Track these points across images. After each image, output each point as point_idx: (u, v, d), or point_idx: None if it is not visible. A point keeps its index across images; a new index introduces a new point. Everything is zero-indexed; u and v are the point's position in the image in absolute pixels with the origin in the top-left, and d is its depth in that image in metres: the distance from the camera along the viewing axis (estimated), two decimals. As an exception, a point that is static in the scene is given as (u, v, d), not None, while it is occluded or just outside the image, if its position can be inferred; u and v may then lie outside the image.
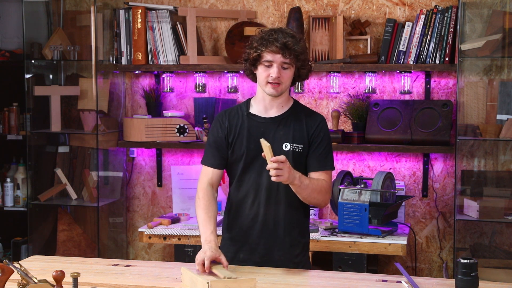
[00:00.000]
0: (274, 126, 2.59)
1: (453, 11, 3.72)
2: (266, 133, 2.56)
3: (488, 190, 3.83)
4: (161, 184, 4.33)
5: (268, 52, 2.49)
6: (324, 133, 2.60)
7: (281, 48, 2.47)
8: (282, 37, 2.48)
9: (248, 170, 2.59)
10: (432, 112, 3.79)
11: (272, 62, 2.49)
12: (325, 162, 2.58)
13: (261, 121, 2.60)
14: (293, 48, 2.48)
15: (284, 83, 2.53)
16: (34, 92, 4.19)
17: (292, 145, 2.56)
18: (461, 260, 2.17)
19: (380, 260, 4.01)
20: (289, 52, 2.48)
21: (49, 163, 4.34)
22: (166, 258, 4.33)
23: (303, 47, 2.53)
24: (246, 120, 2.61)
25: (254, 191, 2.59)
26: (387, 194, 3.55)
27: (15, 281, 2.09)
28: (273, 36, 2.49)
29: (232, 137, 2.61)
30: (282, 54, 2.48)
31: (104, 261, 2.82)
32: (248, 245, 2.63)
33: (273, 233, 2.60)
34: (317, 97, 4.08)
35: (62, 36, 4.28)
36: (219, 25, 4.19)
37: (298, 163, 2.55)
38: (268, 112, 2.61)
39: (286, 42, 2.47)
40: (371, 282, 2.42)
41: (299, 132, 2.58)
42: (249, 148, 2.57)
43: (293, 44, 2.48)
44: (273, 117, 2.60)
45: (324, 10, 4.04)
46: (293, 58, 2.49)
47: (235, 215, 2.65)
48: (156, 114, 4.17)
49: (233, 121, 2.62)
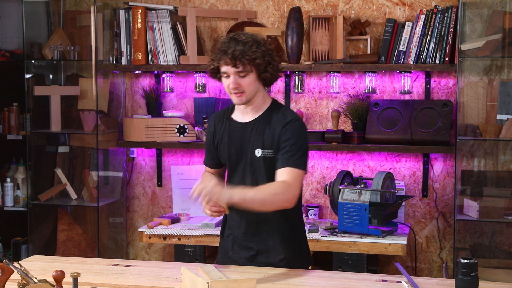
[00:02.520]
0: (248, 131, 2.56)
1: (453, 11, 3.72)
2: (242, 139, 2.57)
3: (488, 190, 3.83)
4: (161, 184, 4.33)
5: (222, 64, 2.48)
6: (291, 132, 2.49)
7: (231, 58, 2.44)
8: (232, 47, 2.44)
9: (233, 173, 2.62)
10: (432, 112, 3.79)
11: (227, 73, 2.48)
12: (289, 160, 2.45)
13: (238, 126, 2.60)
14: (243, 56, 2.43)
15: (247, 90, 2.48)
16: (34, 92, 4.19)
17: (263, 151, 2.52)
18: (461, 260, 2.17)
19: (380, 260, 4.01)
20: (240, 61, 2.44)
21: (49, 163, 4.34)
22: (166, 258, 4.33)
23: (256, 52, 2.45)
24: (228, 125, 2.62)
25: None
26: (387, 194, 3.55)
27: (15, 281, 2.09)
28: (223, 47, 2.47)
29: (217, 141, 2.66)
30: (233, 65, 2.45)
31: (104, 261, 2.82)
32: (236, 245, 2.66)
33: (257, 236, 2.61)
34: (317, 97, 4.08)
35: (62, 36, 4.28)
36: (219, 25, 4.19)
37: (271, 169, 2.51)
38: (244, 117, 2.60)
39: (234, 52, 2.43)
40: (371, 282, 2.42)
41: (269, 137, 2.52)
42: (230, 153, 2.60)
43: (242, 52, 2.43)
44: (248, 122, 2.58)
45: (324, 10, 4.04)
46: (246, 65, 2.45)
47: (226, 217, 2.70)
48: (156, 114, 4.17)
49: (218, 125, 2.66)
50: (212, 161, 2.73)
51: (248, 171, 2.56)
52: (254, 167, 2.55)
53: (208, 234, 3.67)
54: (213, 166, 2.74)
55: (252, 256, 2.63)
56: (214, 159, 2.71)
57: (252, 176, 2.55)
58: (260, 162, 2.51)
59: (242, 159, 2.57)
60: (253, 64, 2.46)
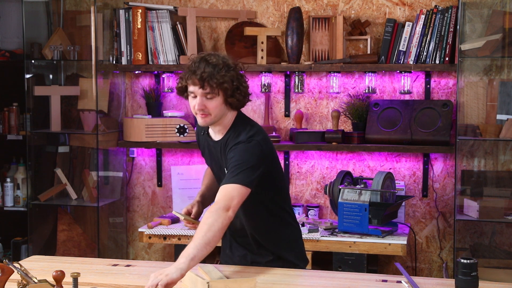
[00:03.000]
0: (218, 150, 2.56)
1: (453, 11, 3.72)
2: (216, 155, 2.57)
3: (488, 190, 3.83)
4: (161, 184, 4.33)
5: (190, 84, 2.44)
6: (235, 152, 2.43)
7: (199, 79, 2.40)
8: (202, 68, 2.40)
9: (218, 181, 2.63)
10: (432, 112, 3.79)
11: (194, 93, 2.44)
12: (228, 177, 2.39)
13: (211, 143, 2.59)
14: (211, 79, 2.39)
15: (213, 113, 2.44)
16: (34, 92, 4.19)
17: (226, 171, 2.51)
18: (461, 260, 2.17)
19: (380, 260, 4.01)
20: (208, 83, 2.40)
21: (49, 163, 4.34)
22: (166, 258, 4.33)
23: (225, 76, 2.41)
24: (205, 139, 2.63)
25: None
26: (387, 194, 3.55)
27: (15, 281, 2.09)
28: (193, 67, 2.43)
29: (202, 150, 2.70)
30: (200, 86, 2.41)
31: (104, 261, 2.82)
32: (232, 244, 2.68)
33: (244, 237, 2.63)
34: (317, 97, 4.08)
35: (62, 36, 4.28)
36: (219, 25, 4.19)
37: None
38: (215, 136, 2.58)
39: (202, 73, 2.39)
40: (371, 282, 2.42)
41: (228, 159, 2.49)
42: (212, 166, 2.66)
43: (210, 75, 2.38)
44: (217, 141, 2.56)
45: (324, 10, 4.04)
46: (214, 88, 2.40)
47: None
48: (156, 114, 4.17)
49: (200, 136, 2.68)
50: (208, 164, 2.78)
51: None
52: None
53: (208, 234, 3.66)
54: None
55: (244, 255, 2.64)
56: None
57: None
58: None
59: (219, 174, 2.59)
60: (220, 87, 2.41)
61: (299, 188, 4.13)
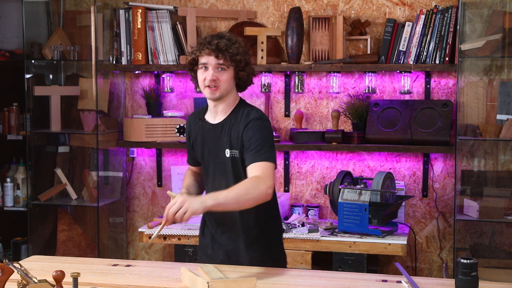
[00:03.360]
0: (218, 132, 2.59)
1: (453, 11, 3.72)
2: (213, 140, 2.60)
3: (488, 190, 3.83)
4: (161, 184, 4.33)
5: (202, 55, 2.50)
6: (254, 130, 2.50)
7: (214, 50, 2.48)
8: (216, 40, 2.50)
9: (207, 174, 2.66)
10: (432, 112, 3.79)
11: (207, 64, 2.50)
12: (255, 155, 2.46)
13: (209, 127, 2.62)
14: (227, 49, 2.48)
15: (222, 86, 2.51)
16: (34, 92, 4.19)
17: (231, 151, 2.55)
18: (461, 260, 2.17)
19: (380, 260, 4.01)
20: (222, 53, 2.48)
21: (49, 163, 4.34)
22: (166, 258, 4.33)
23: (239, 48, 2.52)
24: (200, 126, 2.66)
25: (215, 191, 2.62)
26: (387, 194, 3.55)
27: (15, 281, 2.09)
28: (207, 39, 2.52)
29: (192, 141, 2.71)
30: (215, 56, 2.48)
31: (104, 261, 2.82)
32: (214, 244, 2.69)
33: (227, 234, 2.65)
34: (317, 97, 4.08)
35: (62, 36, 4.28)
36: (219, 25, 4.19)
37: (237, 169, 2.55)
38: (215, 118, 2.62)
39: (218, 43, 2.48)
40: (371, 282, 2.42)
41: (235, 137, 2.54)
42: (204, 153, 2.64)
43: (226, 45, 2.49)
44: (218, 123, 2.60)
45: (324, 10, 4.04)
46: (227, 59, 2.49)
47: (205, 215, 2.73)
48: (156, 114, 4.17)
49: (193, 125, 2.70)
50: (192, 160, 2.80)
51: (218, 172, 2.60)
52: (224, 168, 2.58)
53: (208, 234, 3.66)
54: (194, 164, 2.81)
55: (226, 255, 2.65)
56: (193, 158, 2.77)
57: (222, 176, 2.59)
58: (229, 163, 2.55)
59: (213, 160, 2.61)
60: (234, 59, 2.50)
61: (299, 188, 4.13)
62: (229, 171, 2.56)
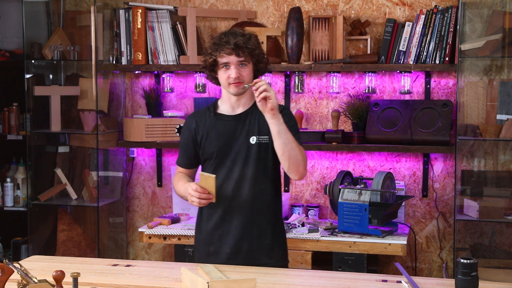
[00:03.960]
0: (240, 122, 2.68)
1: (453, 11, 3.72)
2: (233, 130, 2.67)
3: (488, 190, 3.83)
4: (161, 184, 4.33)
5: (222, 56, 2.60)
6: (288, 117, 2.65)
7: (233, 48, 2.58)
8: (233, 38, 2.59)
9: (220, 166, 2.69)
10: (432, 112, 3.79)
11: (229, 63, 2.60)
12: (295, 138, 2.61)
13: (228, 119, 2.70)
14: (245, 46, 2.59)
15: (245, 80, 2.62)
16: (34, 92, 4.19)
17: (258, 138, 2.65)
18: (461, 260, 2.17)
19: (380, 260, 4.01)
20: (242, 50, 2.59)
21: (49, 163, 4.34)
22: (166, 258, 4.33)
23: (255, 43, 2.64)
24: (214, 121, 2.72)
25: (226, 185, 2.68)
26: (387, 194, 3.55)
27: (15, 281, 2.09)
28: (223, 39, 2.60)
29: (200, 137, 2.73)
30: (236, 54, 2.59)
31: (104, 261, 2.82)
32: (218, 238, 2.71)
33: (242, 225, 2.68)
34: (317, 97, 4.08)
35: (62, 36, 4.28)
36: (219, 25, 4.19)
37: (264, 154, 2.66)
38: (235, 110, 2.71)
39: (237, 42, 2.58)
40: (371, 282, 2.42)
41: (264, 124, 2.63)
42: (219, 146, 2.69)
43: (244, 42, 2.60)
44: (239, 113, 2.70)
45: (324, 10, 4.04)
46: (247, 55, 2.60)
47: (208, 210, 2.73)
48: (156, 114, 4.17)
49: (201, 122, 2.74)
50: (187, 161, 2.81)
51: (238, 162, 2.66)
52: (246, 155, 2.65)
53: (208, 234, 3.66)
54: (187, 166, 2.83)
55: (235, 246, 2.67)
56: (190, 158, 2.80)
57: (241, 165, 2.65)
58: (254, 149, 2.64)
59: (231, 151, 2.67)
60: (253, 54, 2.62)
61: (299, 188, 4.13)
62: (253, 158, 2.65)
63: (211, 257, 2.70)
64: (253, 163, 2.65)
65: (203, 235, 2.76)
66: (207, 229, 2.74)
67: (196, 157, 2.78)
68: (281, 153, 2.58)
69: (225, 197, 2.67)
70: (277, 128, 2.54)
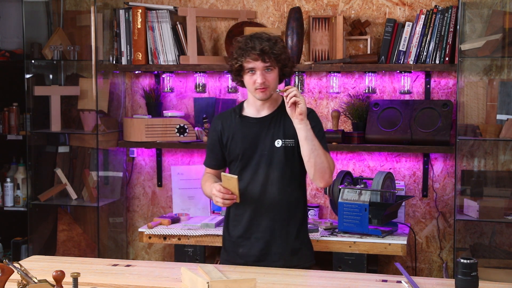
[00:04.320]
0: (266, 125, 2.69)
1: (453, 11, 3.72)
2: (258, 133, 2.68)
3: (488, 190, 3.83)
4: (161, 184, 4.33)
5: (248, 61, 2.59)
6: (315, 121, 2.67)
7: (259, 54, 2.57)
8: (259, 44, 2.58)
9: (245, 168, 2.70)
10: (432, 112, 3.79)
11: (254, 68, 2.60)
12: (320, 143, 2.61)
13: (253, 121, 2.71)
14: (271, 51, 2.58)
15: (271, 85, 2.62)
16: (34, 92, 4.19)
17: (284, 141, 2.65)
18: (461, 260, 2.18)
19: (380, 260, 4.01)
20: (268, 56, 2.58)
21: (49, 163, 4.34)
22: (166, 258, 4.33)
23: (281, 48, 2.63)
24: (239, 122, 2.72)
25: (252, 187, 2.69)
26: (387, 194, 3.55)
27: (15, 281, 2.09)
28: (249, 44, 2.59)
29: (226, 139, 2.74)
30: (262, 60, 2.58)
31: (104, 261, 2.82)
32: (247, 241, 2.72)
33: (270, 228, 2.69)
34: (317, 97, 4.08)
35: (62, 36, 4.28)
36: (219, 25, 4.19)
37: (290, 157, 2.66)
38: (260, 113, 2.72)
39: (263, 47, 2.57)
40: (371, 282, 2.42)
41: (290, 128, 2.64)
42: (245, 148, 2.69)
43: (270, 47, 2.58)
44: (264, 116, 2.71)
45: (324, 10, 4.04)
46: (273, 60, 2.59)
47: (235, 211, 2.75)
48: (156, 114, 4.17)
49: (226, 124, 2.75)
50: (215, 162, 2.82)
51: (263, 164, 2.67)
52: (271, 158, 2.66)
53: (208, 234, 3.66)
54: (215, 167, 2.83)
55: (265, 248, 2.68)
56: (217, 159, 2.80)
57: (266, 168, 2.66)
58: (280, 152, 2.65)
59: (256, 153, 2.67)
60: (278, 59, 2.61)
61: (299, 188, 4.13)
62: (279, 161, 2.65)
63: (240, 259, 2.72)
64: (279, 166, 2.66)
65: (232, 237, 2.77)
66: (236, 231, 2.75)
67: (223, 158, 2.79)
68: (307, 160, 2.58)
69: (252, 199, 2.68)
70: (305, 134, 2.54)
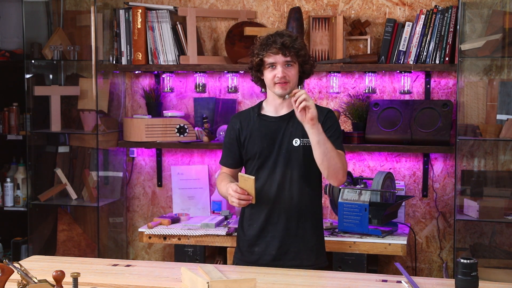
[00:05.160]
0: (284, 123, 2.70)
1: (453, 11, 3.72)
2: (277, 131, 2.69)
3: (488, 190, 3.83)
4: (161, 184, 4.33)
5: (269, 55, 2.61)
6: (332, 121, 2.70)
7: (280, 48, 2.59)
8: (280, 38, 2.61)
9: (262, 167, 2.71)
10: (432, 112, 3.79)
11: (275, 63, 2.61)
12: (335, 143, 2.62)
13: (272, 120, 2.72)
14: (292, 45, 2.60)
15: (291, 81, 2.63)
16: (34, 92, 4.19)
17: (302, 140, 2.66)
18: (461, 260, 2.18)
19: (380, 260, 4.01)
20: (289, 50, 2.60)
21: (49, 163, 4.34)
22: (166, 258, 4.33)
23: (301, 44, 2.66)
24: (258, 121, 2.74)
25: (268, 186, 2.70)
26: (387, 194, 3.55)
27: (15, 281, 2.09)
28: (270, 39, 2.62)
29: (244, 137, 2.75)
30: (283, 53, 2.60)
31: (104, 261, 2.82)
32: (263, 239, 2.73)
33: (287, 227, 2.70)
34: (317, 97, 4.08)
35: (62, 36, 4.28)
36: (219, 25, 4.19)
37: (308, 156, 2.65)
38: (278, 112, 2.73)
39: (284, 41, 2.59)
40: (371, 282, 2.42)
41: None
42: (263, 147, 2.71)
43: (291, 42, 2.61)
44: (283, 115, 2.72)
45: (324, 10, 4.04)
46: (293, 55, 2.61)
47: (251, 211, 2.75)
48: (156, 114, 4.17)
49: (244, 122, 2.76)
50: (232, 161, 2.83)
51: (280, 163, 2.67)
52: (289, 157, 2.67)
53: (208, 234, 3.67)
54: (231, 166, 2.84)
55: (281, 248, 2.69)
56: (235, 158, 2.81)
57: (284, 167, 2.67)
58: (298, 152, 2.66)
59: (273, 152, 2.69)
60: (299, 54, 2.63)
61: (299, 188, 4.13)
62: (297, 160, 2.66)
63: (256, 259, 2.72)
64: (296, 166, 2.67)
65: (247, 236, 2.77)
66: (252, 230, 2.75)
67: (240, 157, 2.79)
68: (320, 162, 2.58)
69: (268, 198, 2.69)
70: (317, 138, 2.54)
